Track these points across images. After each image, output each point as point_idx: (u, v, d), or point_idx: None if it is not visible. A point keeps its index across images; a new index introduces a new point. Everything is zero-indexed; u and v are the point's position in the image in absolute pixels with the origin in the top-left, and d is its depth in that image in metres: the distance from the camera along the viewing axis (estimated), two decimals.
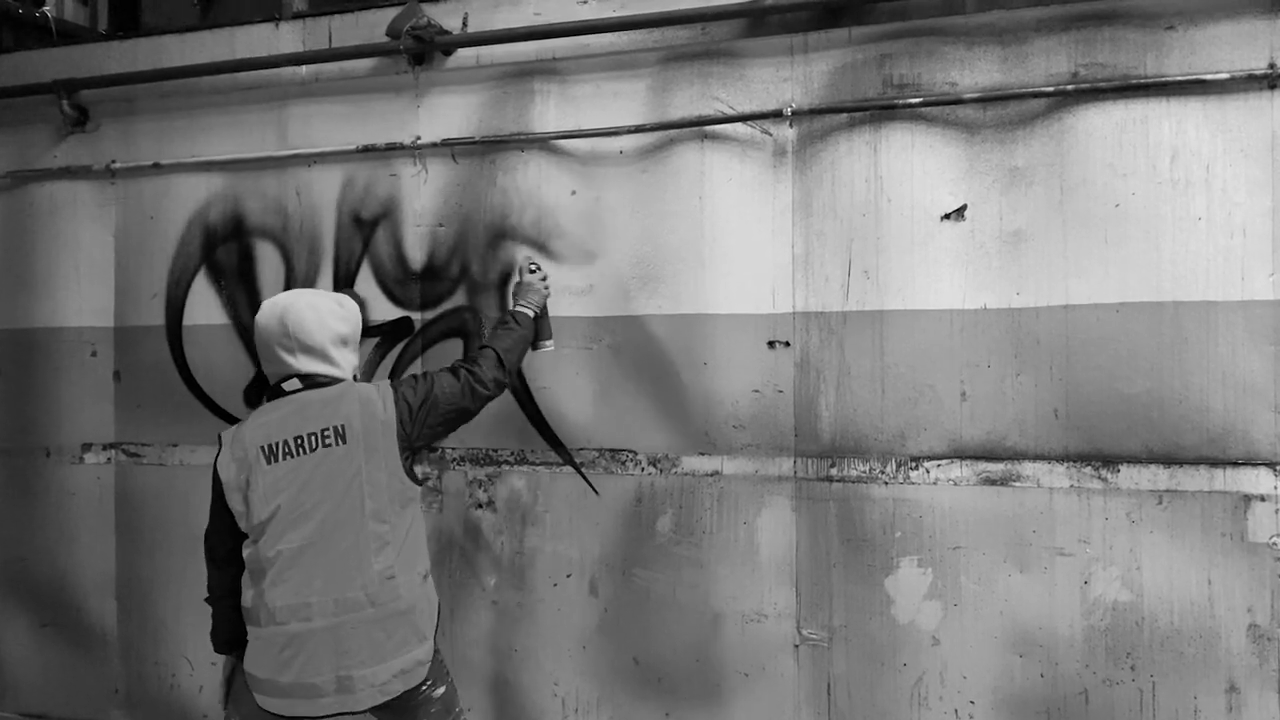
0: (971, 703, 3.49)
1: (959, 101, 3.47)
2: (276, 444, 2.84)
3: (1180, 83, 3.28)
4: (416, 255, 4.09)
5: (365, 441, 2.84)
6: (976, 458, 3.48)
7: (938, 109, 3.51)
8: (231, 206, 4.35)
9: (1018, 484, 3.43)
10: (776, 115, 3.66)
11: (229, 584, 2.98)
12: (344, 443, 2.82)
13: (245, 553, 2.88)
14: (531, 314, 3.39)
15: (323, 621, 2.77)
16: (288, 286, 4.25)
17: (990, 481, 3.46)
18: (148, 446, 4.49)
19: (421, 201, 4.09)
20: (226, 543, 2.94)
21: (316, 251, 4.23)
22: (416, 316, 4.09)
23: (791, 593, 3.68)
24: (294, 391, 2.89)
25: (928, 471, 3.52)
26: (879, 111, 3.56)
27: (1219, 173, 3.26)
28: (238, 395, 4.34)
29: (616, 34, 3.86)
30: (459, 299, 4.03)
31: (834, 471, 3.63)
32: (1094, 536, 3.37)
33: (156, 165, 4.44)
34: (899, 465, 3.55)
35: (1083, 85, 3.36)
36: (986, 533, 3.46)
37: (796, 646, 3.68)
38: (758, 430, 3.72)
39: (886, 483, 3.57)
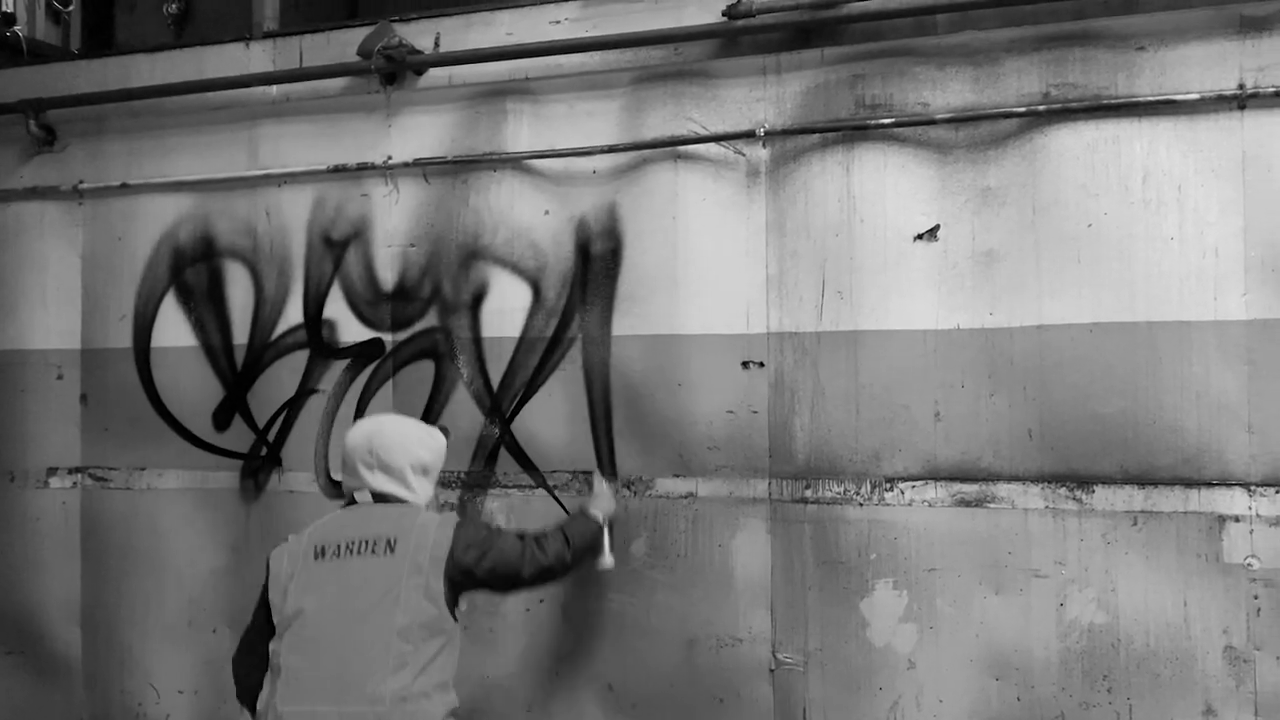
0: None
1: (931, 122, 3.47)
2: (328, 545, 2.89)
3: (1151, 103, 3.28)
4: (388, 276, 4.06)
5: (412, 559, 2.83)
6: (951, 479, 3.45)
7: (910, 129, 3.50)
8: (201, 227, 4.31)
9: (992, 505, 3.41)
10: (749, 135, 3.65)
11: (247, 685, 2.99)
12: (391, 554, 2.84)
13: (270, 647, 2.87)
14: (600, 517, 3.42)
15: None
16: (257, 308, 4.21)
17: (965, 503, 3.44)
18: (115, 470, 4.42)
19: (393, 222, 4.06)
20: (257, 648, 2.94)
21: (287, 272, 4.19)
22: (387, 338, 4.05)
23: (766, 616, 3.64)
24: (364, 504, 2.99)
25: (902, 493, 3.50)
26: (852, 132, 3.56)
27: (1191, 193, 3.27)
28: (206, 418, 4.29)
29: (589, 54, 3.84)
30: (431, 320, 3.99)
31: (809, 493, 3.60)
32: (1069, 558, 3.35)
33: (125, 185, 4.39)
34: (874, 486, 3.53)
35: (1054, 105, 3.36)
36: (962, 554, 3.44)
37: (772, 671, 3.63)
38: (732, 452, 3.69)
39: (861, 504, 3.54)
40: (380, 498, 2.98)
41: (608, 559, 3.46)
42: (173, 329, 4.33)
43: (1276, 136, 3.20)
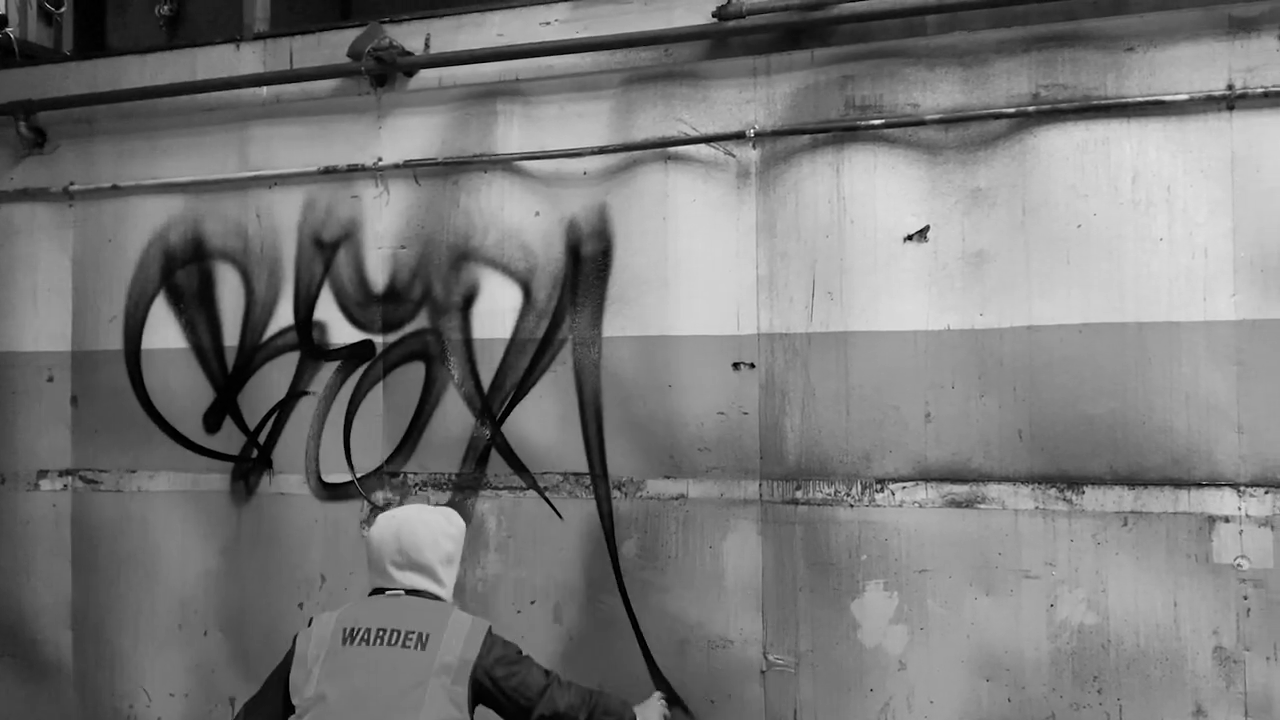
0: None
1: (921, 123, 3.47)
2: (358, 630, 2.85)
3: (1140, 104, 3.28)
4: (378, 277, 4.05)
5: (442, 658, 2.81)
6: (941, 480, 3.45)
7: (900, 130, 3.51)
8: (191, 229, 4.30)
9: (983, 506, 3.41)
10: (740, 137, 3.65)
11: None
12: (423, 649, 2.81)
13: None
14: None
15: None
16: (248, 310, 4.21)
17: (955, 504, 3.44)
18: (105, 473, 4.41)
19: (383, 223, 4.06)
20: (265, 715, 2.93)
21: (277, 274, 4.18)
22: (378, 339, 4.05)
23: (758, 618, 3.63)
24: (394, 596, 2.95)
25: (893, 494, 3.50)
26: (841, 133, 3.56)
27: (1180, 193, 3.27)
28: (197, 420, 4.28)
29: (580, 55, 3.84)
30: (421, 321, 3.99)
31: (799, 494, 3.60)
32: (1060, 559, 3.35)
33: (115, 187, 4.39)
34: (864, 487, 3.53)
35: (1044, 106, 3.36)
36: (952, 555, 3.44)
37: (763, 672, 3.63)
38: (723, 453, 3.69)
39: (852, 505, 3.54)
40: (412, 593, 2.97)
41: None
42: (163, 331, 4.33)
43: (1265, 137, 3.20)
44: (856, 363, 3.54)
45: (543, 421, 3.87)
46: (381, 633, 2.84)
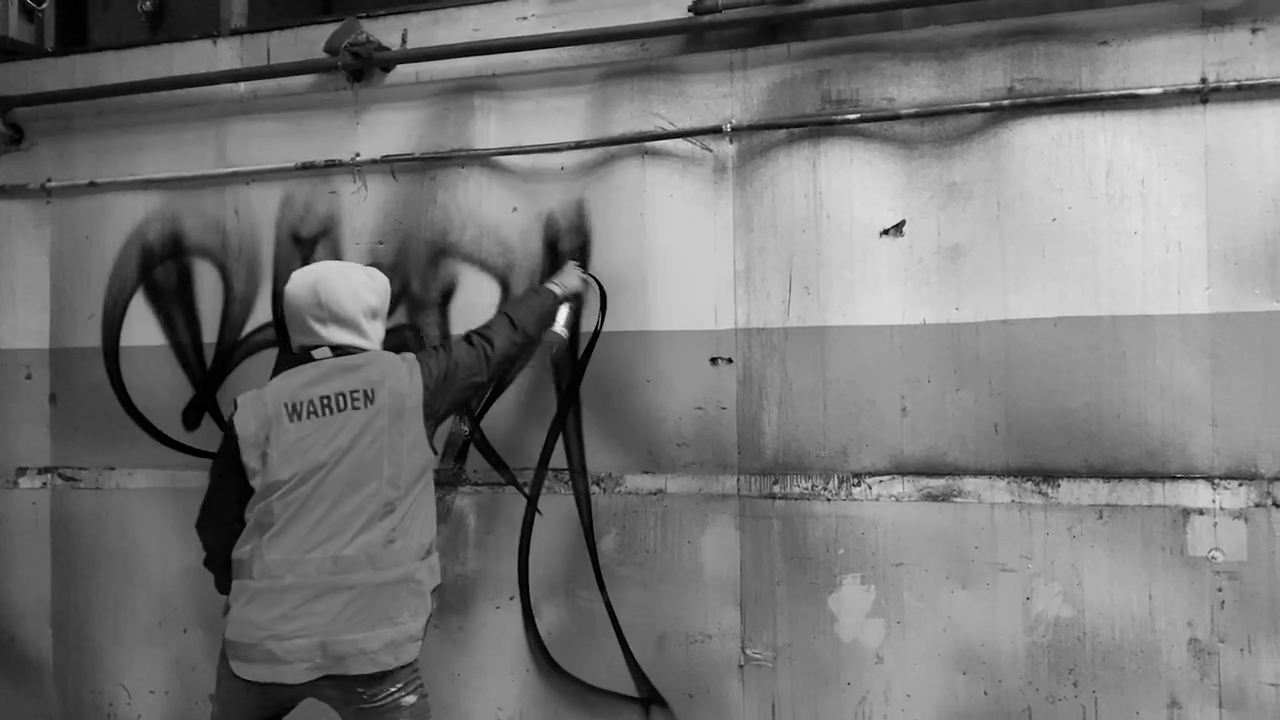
0: None
1: (897, 117, 3.47)
2: (301, 403, 2.87)
3: (1115, 97, 3.28)
4: None
5: (391, 406, 2.88)
6: (918, 473, 3.46)
7: (876, 124, 3.50)
8: (169, 226, 4.29)
9: (959, 499, 3.42)
10: (716, 131, 3.64)
11: (230, 547, 2.95)
12: (371, 404, 2.87)
13: (252, 506, 2.88)
14: (557, 291, 3.49)
15: (318, 577, 2.78)
16: (226, 306, 4.19)
17: (932, 497, 3.44)
18: (84, 470, 4.40)
19: (361, 219, 4.05)
20: (233, 509, 2.94)
21: (256, 270, 4.17)
22: None
23: (736, 612, 3.64)
24: (322, 359, 2.94)
25: (870, 488, 3.50)
26: (818, 127, 3.55)
27: (1154, 187, 3.27)
28: (176, 417, 4.27)
29: (556, 50, 3.83)
30: (399, 317, 3.97)
31: (777, 489, 3.60)
32: (1035, 552, 3.35)
33: (93, 184, 4.37)
34: (841, 482, 3.53)
35: (1019, 100, 3.36)
36: (929, 549, 3.44)
37: (741, 667, 3.63)
38: (701, 448, 3.69)
39: (829, 499, 3.54)
40: (338, 349, 2.96)
41: (559, 329, 3.55)
42: (142, 328, 4.31)
43: (1238, 130, 3.20)
44: (833, 357, 3.54)
45: (521, 417, 3.86)
46: (326, 400, 2.87)
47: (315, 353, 2.96)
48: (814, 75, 3.58)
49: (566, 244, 3.81)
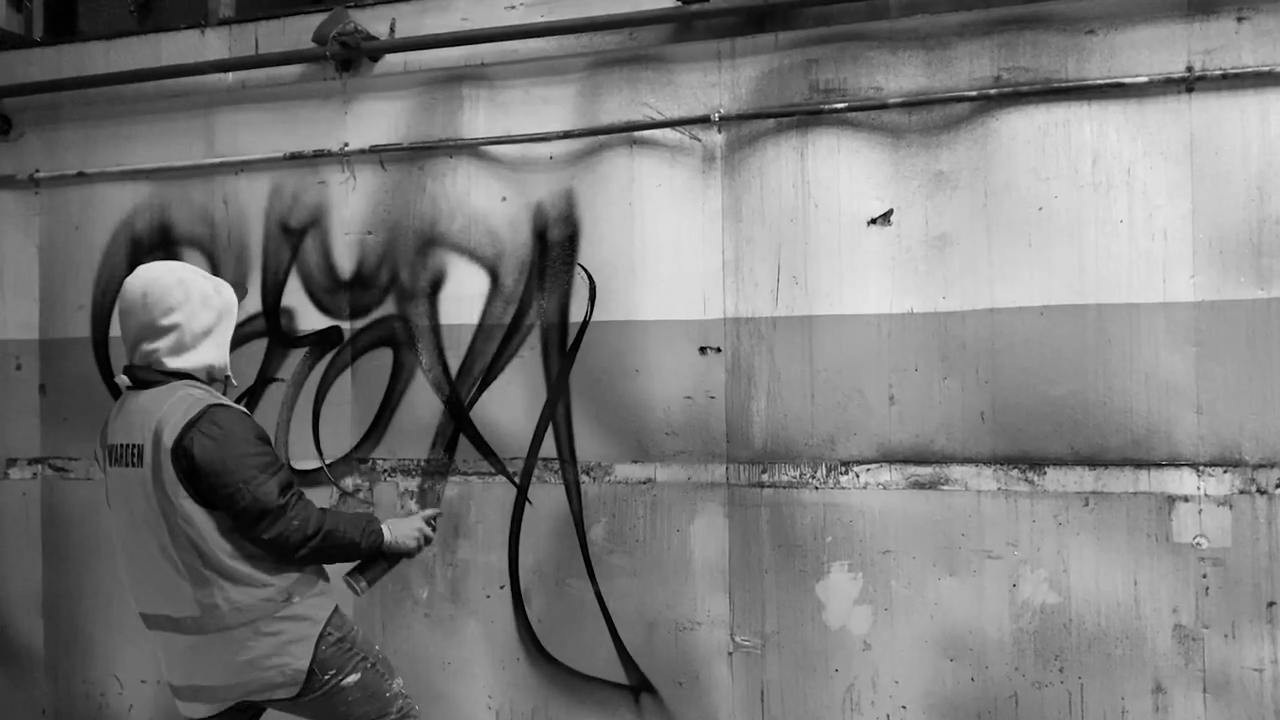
0: (903, 707, 3.48)
1: (884, 106, 3.48)
2: (115, 446, 2.66)
3: (1101, 86, 3.29)
4: (345, 264, 4.04)
5: (153, 469, 2.53)
6: (905, 461, 3.47)
7: (863, 114, 3.51)
8: (158, 216, 4.28)
9: (946, 487, 3.43)
10: (705, 121, 3.65)
11: None
12: (140, 464, 2.55)
13: None
14: (385, 537, 2.81)
15: (162, 634, 2.68)
16: None
17: (919, 485, 3.46)
18: (75, 460, 4.40)
19: (350, 209, 4.05)
20: None
21: (244, 260, 4.17)
22: (346, 325, 4.04)
23: (725, 600, 3.66)
24: (127, 388, 2.67)
25: (857, 476, 3.51)
26: (806, 116, 3.56)
27: (1139, 175, 3.28)
28: None
29: (544, 39, 3.83)
30: (388, 307, 3.98)
31: (765, 477, 3.62)
32: (1022, 539, 3.37)
33: (82, 174, 4.36)
34: (829, 470, 3.55)
35: (1005, 89, 3.37)
36: (916, 536, 3.46)
37: (730, 654, 3.65)
38: (690, 437, 3.70)
39: (817, 488, 3.56)
40: (137, 372, 2.64)
41: (361, 585, 2.84)
42: None
43: (1223, 119, 3.22)
44: (821, 346, 3.55)
45: (510, 407, 3.87)
46: (118, 450, 2.62)
47: (120, 380, 2.69)
48: (802, 64, 3.59)
49: (555, 233, 3.81)
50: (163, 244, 4.27)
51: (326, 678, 2.70)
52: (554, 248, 3.82)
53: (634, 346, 3.72)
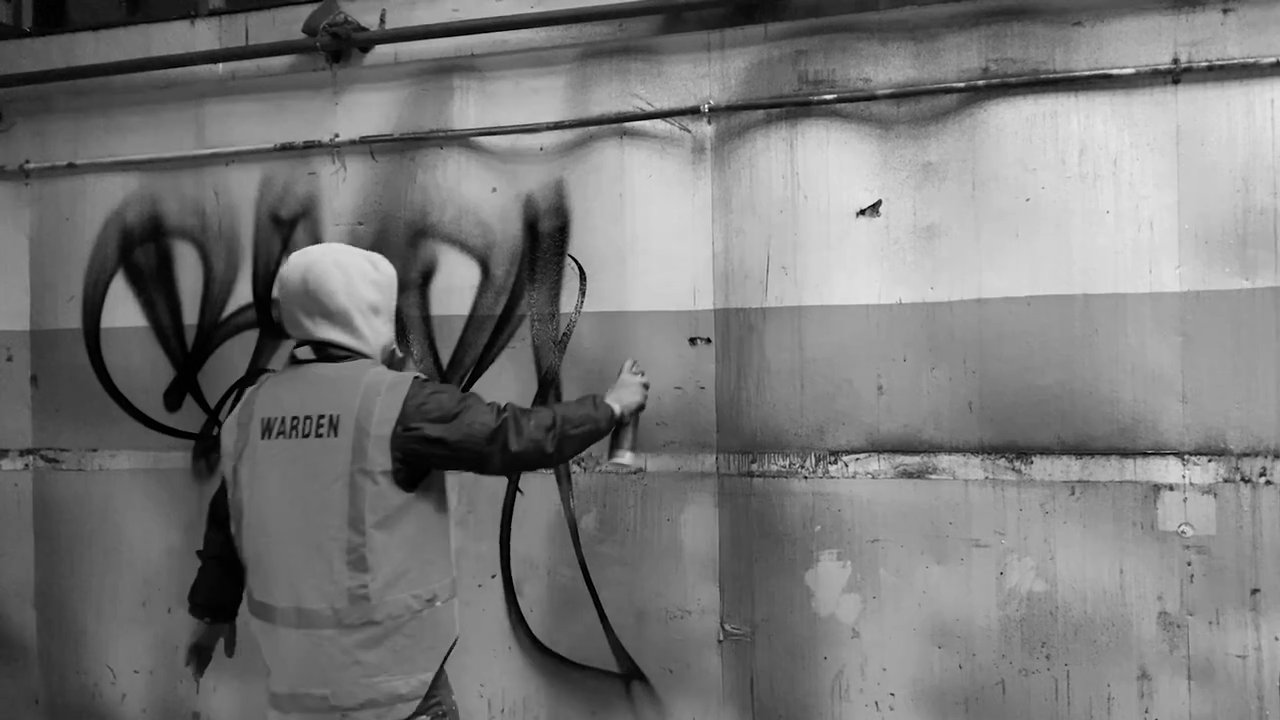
0: (891, 694, 3.51)
1: (873, 97, 3.49)
2: (275, 419, 2.51)
3: (1088, 78, 3.31)
4: None
5: (356, 439, 2.43)
6: (894, 451, 3.50)
7: (852, 105, 3.53)
8: (149, 207, 4.28)
9: (934, 476, 3.46)
10: (695, 112, 3.66)
11: (222, 543, 2.75)
12: (335, 435, 2.44)
13: (231, 530, 2.62)
14: (615, 410, 2.84)
15: (286, 630, 2.46)
16: (207, 288, 4.20)
17: (907, 474, 3.48)
18: (66, 452, 4.41)
19: (341, 200, 4.05)
20: (222, 506, 2.76)
21: (235, 251, 4.17)
22: None
23: (714, 588, 3.68)
24: (305, 361, 2.55)
25: (846, 465, 3.54)
26: (795, 108, 3.57)
27: (1126, 166, 3.31)
28: (158, 399, 4.27)
29: (535, 30, 3.84)
30: None
31: (755, 467, 3.64)
32: (1009, 527, 3.40)
33: (72, 165, 4.36)
34: (818, 460, 3.57)
35: (993, 80, 3.39)
36: (904, 525, 3.49)
37: (720, 641, 3.68)
38: (680, 427, 3.72)
39: (806, 477, 3.58)
40: (322, 349, 2.55)
41: (626, 457, 2.92)
42: (122, 309, 4.31)
43: (1209, 111, 3.24)
44: (810, 337, 3.57)
45: (502, 398, 3.86)
46: (295, 421, 2.49)
47: (299, 351, 2.57)
48: (791, 56, 3.60)
49: (546, 224, 3.83)
50: (153, 235, 4.27)
51: (431, 703, 2.56)
52: (545, 239, 3.83)
53: (624, 337, 3.74)
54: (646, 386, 2.98)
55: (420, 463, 2.48)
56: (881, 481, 3.51)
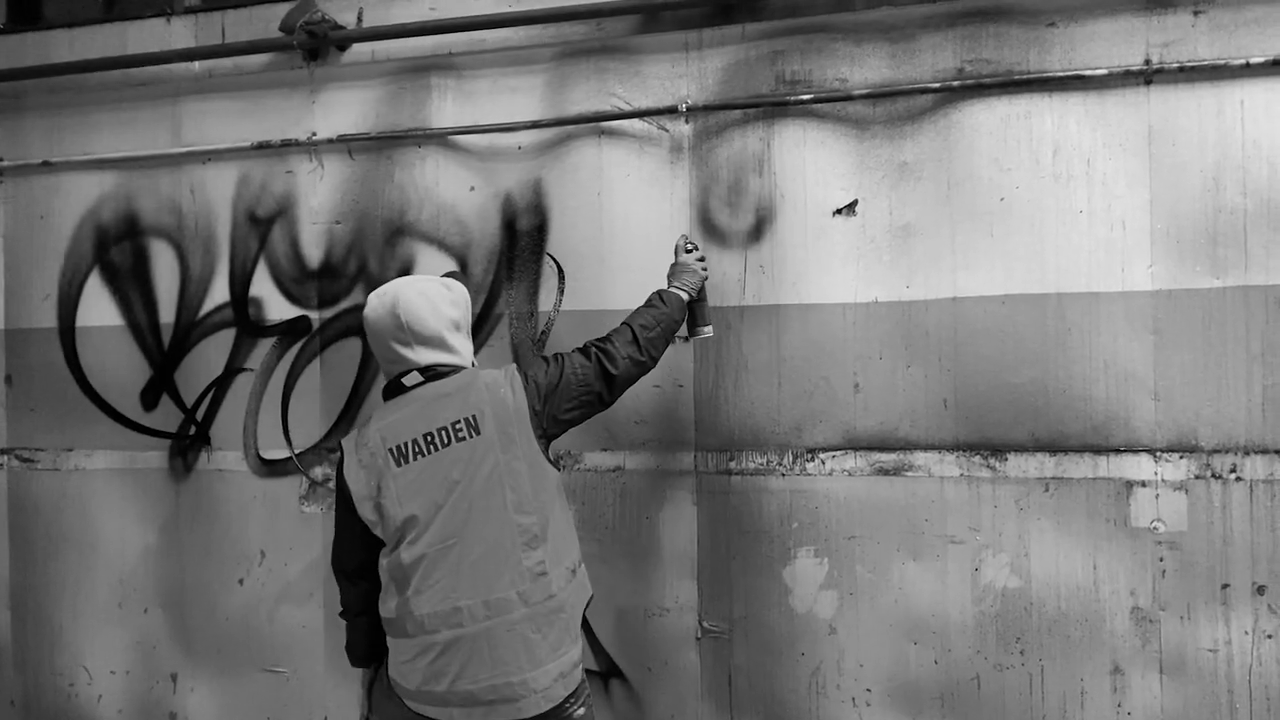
0: (868, 690, 3.53)
1: (849, 98, 3.51)
2: (406, 444, 2.70)
3: (1061, 78, 3.34)
4: (313, 253, 4.04)
5: (499, 430, 2.70)
6: (870, 448, 3.52)
7: (829, 105, 3.54)
8: (124, 205, 4.26)
9: (910, 474, 3.49)
10: (672, 111, 3.67)
11: (363, 600, 2.89)
12: (478, 434, 2.69)
13: (383, 562, 2.75)
14: (684, 296, 3.21)
15: (474, 627, 2.65)
16: (183, 286, 4.18)
17: (883, 472, 3.51)
18: (41, 451, 4.38)
19: (318, 198, 4.04)
20: (358, 555, 2.83)
21: (212, 250, 4.15)
22: (314, 315, 4.04)
23: (693, 586, 3.70)
24: (415, 386, 2.75)
25: (823, 463, 3.56)
26: (772, 108, 3.59)
27: (1099, 166, 3.34)
28: (133, 398, 4.25)
29: (512, 29, 3.84)
30: (357, 297, 3.98)
31: (733, 465, 3.65)
32: (984, 524, 3.43)
33: (46, 163, 4.33)
34: (795, 457, 3.59)
35: (968, 81, 3.41)
36: (880, 522, 3.51)
37: (698, 639, 3.70)
38: (659, 425, 3.73)
39: (784, 475, 3.60)
40: (428, 371, 2.76)
41: (707, 330, 3.33)
42: (98, 308, 4.29)
43: (1180, 111, 3.28)
44: (788, 335, 3.59)
45: None
46: (430, 438, 2.70)
47: (405, 379, 2.77)
48: (768, 56, 3.62)
49: (524, 223, 3.83)
50: (129, 234, 4.25)
51: (569, 710, 2.81)
52: (523, 237, 3.84)
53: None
54: (703, 259, 3.33)
55: (559, 430, 2.83)
56: (858, 479, 3.53)
